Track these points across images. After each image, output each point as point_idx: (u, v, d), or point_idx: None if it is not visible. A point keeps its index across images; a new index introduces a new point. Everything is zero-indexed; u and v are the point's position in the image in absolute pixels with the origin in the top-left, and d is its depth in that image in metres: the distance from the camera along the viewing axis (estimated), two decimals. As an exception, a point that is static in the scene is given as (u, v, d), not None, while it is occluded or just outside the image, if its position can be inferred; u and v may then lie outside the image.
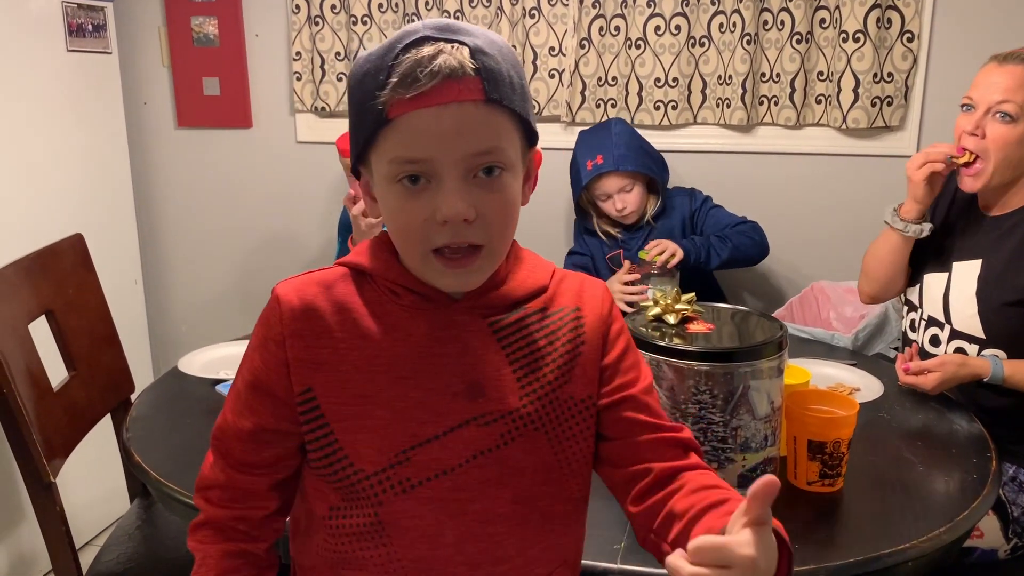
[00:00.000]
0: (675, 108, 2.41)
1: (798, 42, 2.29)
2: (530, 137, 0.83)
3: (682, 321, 1.24)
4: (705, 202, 2.28)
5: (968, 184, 1.61)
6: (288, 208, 2.84)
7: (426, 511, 0.83)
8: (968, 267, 1.64)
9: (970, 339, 1.62)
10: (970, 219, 1.69)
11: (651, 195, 2.26)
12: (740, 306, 1.36)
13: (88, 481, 2.32)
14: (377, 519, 0.83)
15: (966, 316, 1.62)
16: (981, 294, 1.60)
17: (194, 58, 2.76)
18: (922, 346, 1.71)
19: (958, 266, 1.66)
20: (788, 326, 1.49)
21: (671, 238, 2.17)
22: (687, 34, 2.36)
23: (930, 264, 1.71)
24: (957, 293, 1.64)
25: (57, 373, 1.61)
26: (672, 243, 2.08)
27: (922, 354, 1.68)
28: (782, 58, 2.32)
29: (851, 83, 2.25)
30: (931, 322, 1.70)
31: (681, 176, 2.42)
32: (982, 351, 1.60)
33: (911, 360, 1.62)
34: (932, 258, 1.71)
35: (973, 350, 1.61)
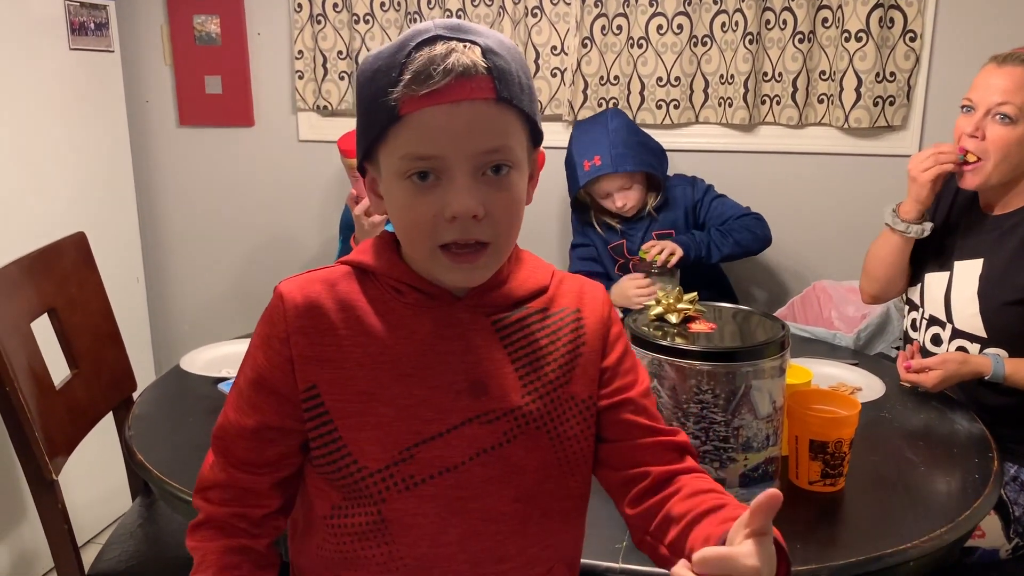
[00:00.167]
0: (677, 107, 2.41)
1: (800, 41, 2.28)
2: (535, 137, 0.84)
3: (684, 321, 1.24)
4: (707, 191, 2.26)
5: (968, 181, 1.60)
6: (290, 206, 2.84)
7: (429, 509, 0.83)
8: (969, 266, 1.64)
9: (972, 338, 1.62)
10: (972, 218, 1.69)
11: (651, 187, 2.23)
12: (742, 305, 1.36)
13: (90, 479, 2.32)
14: (380, 517, 0.83)
15: (967, 315, 1.62)
16: (983, 293, 1.60)
17: (196, 56, 2.76)
18: (923, 345, 1.71)
19: (959, 265, 1.66)
20: (790, 325, 1.49)
21: (674, 228, 2.16)
22: (689, 33, 2.36)
23: (931, 263, 1.71)
24: (958, 292, 1.64)
25: (59, 371, 1.61)
26: (670, 243, 2.07)
27: (923, 353, 1.68)
28: (784, 57, 2.32)
29: (853, 82, 2.25)
30: (932, 321, 1.70)
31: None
32: (984, 350, 1.60)
33: (912, 358, 1.62)
34: (933, 257, 1.71)
35: (975, 349, 1.61)
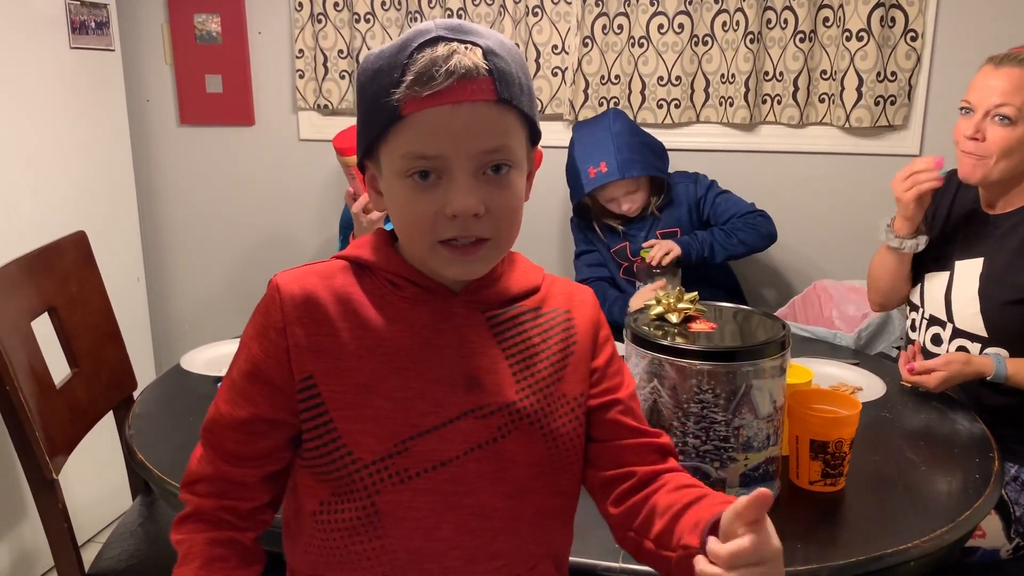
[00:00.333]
0: (678, 107, 2.41)
1: (801, 41, 2.28)
2: (534, 136, 0.85)
3: (684, 320, 1.24)
4: (710, 187, 2.24)
5: (970, 173, 1.59)
6: (290, 205, 2.84)
7: (423, 503, 0.83)
8: (970, 265, 1.64)
9: (972, 338, 1.62)
10: (972, 218, 1.69)
11: (655, 186, 2.22)
12: (742, 305, 1.36)
13: (90, 478, 2.32)
14: (374, 509, 0.83)
15: (968, 315, 1.62)
16: (983, 293, 1.60)
17: (197, 55, 2.76)
18: (923, 345, 1.71)
19: (960, 265, 1.65)
20: (791, 325, 1.49)
21: (678, 226, 2.16)
22: (690, 32, 2.36)
23: (932, 263, 1.71)
24: (959, 292, 1.64)
25: (59, 370, 1.61)
26: (669, 242, 2.07)
27: (924, 353, 1.68)
28: (785, 57, 2.31)
29: (854, 82, 2.25)
30: (933, 321, 1.69)
31: (684, 175, 2.42)
32: (984, 350, 1.60)
33: (914, 358, 1.62)
34: (933, 257, 1.71)
35: (975, 349, 1.61)
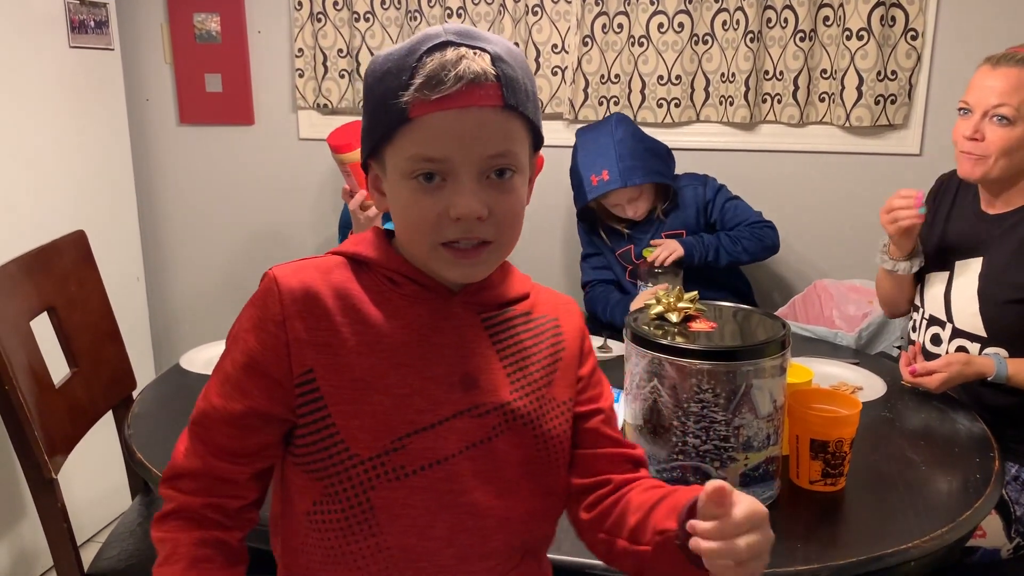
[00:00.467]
0: (678, 106, 2.41)
1: (801, 40, 2.28)
2: (536, 141, 0.86)
3: (684, 319, 1.24)
4: (720, 192, 2.22)
5: (967, 168, 1.59)
6: (290, 205, 2.84)
7: (418, 501, 0.83)
8: (969, 265, 1.64)
9: (971, 337, 1.61)
10: (972, 217, 1.69)
11: (660, 190, 2.20)
12: (742, 304, 1.36)
13: (90, 478, 2.32)
14: (369, 505, 0.83)
15: (968, 314, 1.62)
16: (983, 292, 1.60)
17: (196, 55, 2.76)
18: (923, 345, 1.71)
19: (960, 264, 1.65)
20: (791, 324, 1.49)
21: (684, 229, 2.16)
22: (690, 31, 2.36)
23: (931, 263, 1.71)
24: (958, 291, 1.64)
25: (59, 370, 1.61)
26: (673, 243, 2.07)
27: (924, 353, 1.68)
28: (785, 56, 2.31)
29: (855, 81, 2.25)
30: (932, 321, 1.69)
31: (684, 174, 2.42)
32: (983, 349, 1.60)
33: (914, 359, 1.62)
34: (933, 257, 1.71)
35: (974, 348, 1.61)
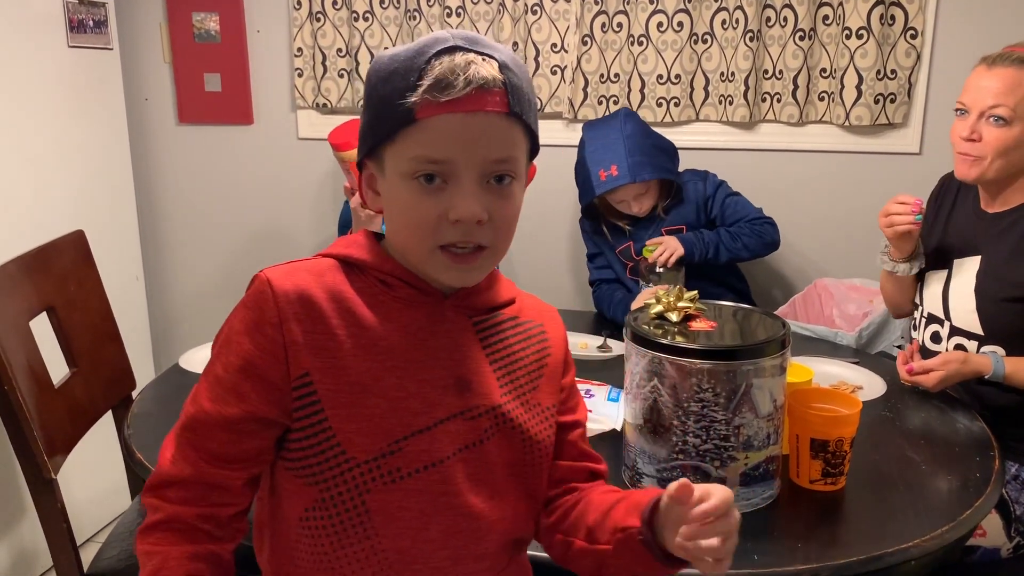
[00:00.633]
0: (677, 105, 2.41)
1: (801, 39, 2.28)
2: (533, 151, 0.87)
3: (684, 319, 1.24)
4: (720, 187, 2.21)
5: (966, 172, 1.59)
6: (289, 204, 2.84)
7: (413, 503, 0.84)
8: (968, 263, 1.64)
9: (969, 335, 1.61)
10: (970, 216, 1.69)
11: (665, 186, 2.20)
12: (742, 304, 1.36)
13: (89, 478, 2.32)
14: (364, 508, 0.83)
15: (965, 312, 1.62)
16: (980, 290, 1.60)
17: (195, 54, 2.75)
18: (923, 343, 1.71)
19: (958, 263, 1.65)
20: (791, 324, 1.48)
21: (684, 224, 2.15)
22: (689, 30, 2.35)
23: (930, 261, 1.71)
24: (957, 290, 1.64)
25: (58, 370, 1.61)
26: (674, 241, 2.07)
27: (923, 351, 1.68)
28: (785, 55, 2.31)
29: (854, 80, 2.25)
30: (931, 319, 1.69)
31: (683, 174, 2.41)
32: (981, 347, 1.60)
33: (912, 357, 1.62)
34: (932, 255, 1.71)
35: (972, 346, 1.61)
